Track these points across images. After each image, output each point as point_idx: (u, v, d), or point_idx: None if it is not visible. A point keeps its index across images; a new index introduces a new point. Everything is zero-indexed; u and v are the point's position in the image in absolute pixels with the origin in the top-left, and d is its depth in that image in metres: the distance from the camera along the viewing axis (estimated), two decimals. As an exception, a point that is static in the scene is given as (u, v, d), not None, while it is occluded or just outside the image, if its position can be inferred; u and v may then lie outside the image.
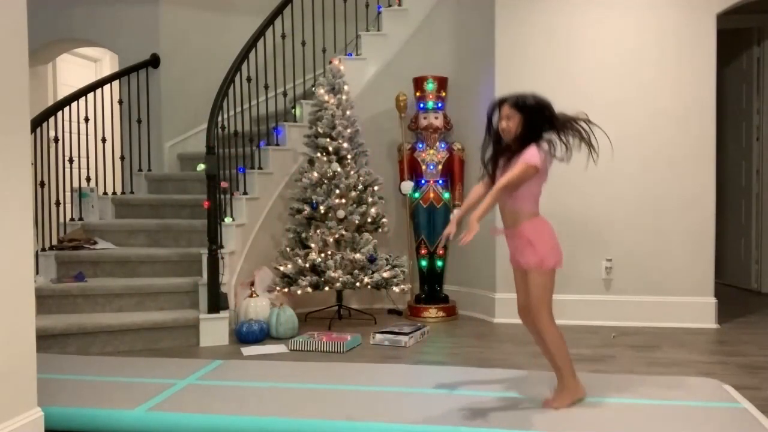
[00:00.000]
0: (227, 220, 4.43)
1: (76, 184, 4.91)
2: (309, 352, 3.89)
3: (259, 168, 4.82)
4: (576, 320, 4.57)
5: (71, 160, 4.75)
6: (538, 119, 2.69)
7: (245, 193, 4.70)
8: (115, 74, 5.42)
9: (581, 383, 2.72)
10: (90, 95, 4.95)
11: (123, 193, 5.25)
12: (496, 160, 2.74)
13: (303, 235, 4.61)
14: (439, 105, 4.92)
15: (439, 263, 4.97)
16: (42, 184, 4.34)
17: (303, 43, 5.16)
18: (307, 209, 4.59)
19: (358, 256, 4.51)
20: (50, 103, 5.79)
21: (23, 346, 2.33)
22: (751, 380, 3.23)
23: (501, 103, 2.71)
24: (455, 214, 2.81)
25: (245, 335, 4.09)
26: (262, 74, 4.93)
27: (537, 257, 2.68)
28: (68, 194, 4.97)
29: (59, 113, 4.64)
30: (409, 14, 5.27)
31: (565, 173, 4.60)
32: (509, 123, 2.68)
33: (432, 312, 4.79)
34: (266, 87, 4.95)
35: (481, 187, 2.79)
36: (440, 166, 4.90)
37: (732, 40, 5.68)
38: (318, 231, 4.57)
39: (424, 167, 4.91)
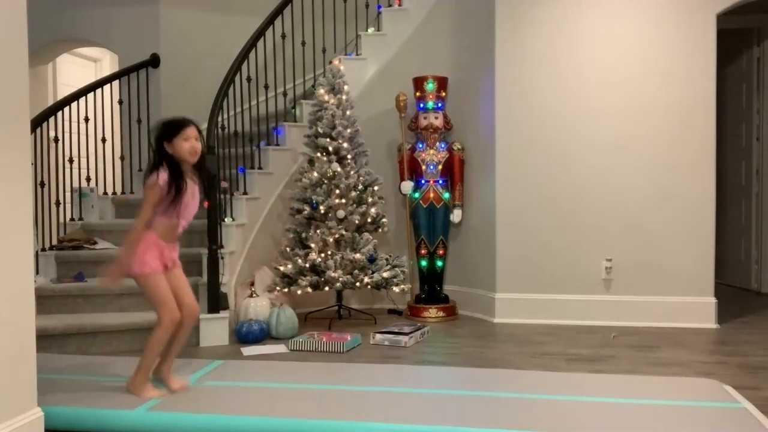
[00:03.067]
0: (227, 220, 4.43)
1: (76, 184, 4.91)
2: (309, 352, 3.89)
3: (259, 168, 4.82)
4: (576, 320, 4.57)
5: (71, 160, 4.75)
6: None
7: (245, 193, 4.70)
8: (115, 74, 5.42)
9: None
10: (90, 95, 4.95)
11: (123, 193, 5.26)
12: (181, 194, 2.86)
13: (303, 235, 4.61)
14: (439, 105, 4.92)
15: (439, 263, 4.97)
16: (42, 184, 4.34)
17: (303, 43, 5.16)
18: (307, 209, 4.59)
19: (358, 256, 4.51)
20: (50, 103, 5.79)
21: (23, 346, 2.33)
22: (751, 380, 3.23)
23: (186, 124, 2.94)
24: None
25: (245, 335, 4.09)
26: (262, 74, 4.94)
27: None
28: (68, 194, 4.97)
29: (59, 113, 4.64)
30: (409, 14, 5.27)
31: (565, 173, 4.63)
32: (199, 145, 2.91)
33: (432, 312, 4.79)
34: (266, 87, 4.95)
35: (143, 227, 2.91)
36: (440, 166, 4.90)
37: (732, 40, 5.68)
38: (318, 231, 4.57)
39: (424, 167, 4.91)
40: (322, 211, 4.54)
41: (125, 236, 2.92)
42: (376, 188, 4.71)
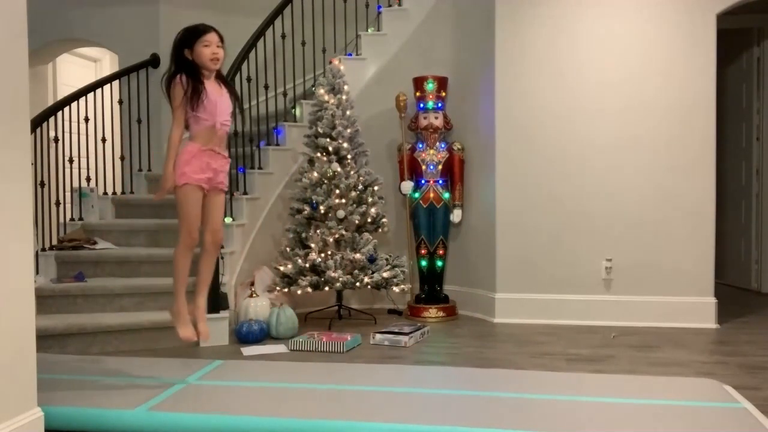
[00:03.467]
0: (227, 220, 4.43)
1: (76, 184, 4.91)
2: (309, 352, 3.89)
3: (259, 168, 4.82)
4: (576, 320, 4.57)
5: (71, 160, 4.75)
6: None
7: (245, 193, 4.70)
8: (115, 74, 5.42)
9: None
10: (90, 95, 4.95)
11: (123, 193, 5.26)
12: (199, 92, 2.81)
13: (303, 235, 4.61)
14: (439, 105, 4.92)
15: (439, 263, 4.97)
16: (42, 184, 4.34)
17: (303, 43, 5.16)
18: (307, 209, 4.59)
19: (358, 256, 4.51)
20: (50, 103, 5.79)
21: (23, 346, 2.32)
22: (751, 380, 3.23)
23: (208, 30, 2.87)
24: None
25: (245, 335, 4.09)
26: (262, 74, 4.93)
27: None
28: (68, 194, 4.97)
29: (59, 113, 4.64)
30: (409, 14, 5.27)
31: (565, 173, 4.62)
32: (221, 52, 2.86)
33: (432, 312, 4.79)
34: (266, 87, 4.95)
35: (180, 129, 2.87)
36: (440, 166, 4.90)
37: (732, 40, 5.68)
38: (318, 231, 4.57)
39: (424, 167, 4.91)
40: (322, 211, 4.54)
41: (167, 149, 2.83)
42: (376, 188, 4.71)
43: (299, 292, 4.46)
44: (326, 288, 4.49)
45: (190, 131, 2.84)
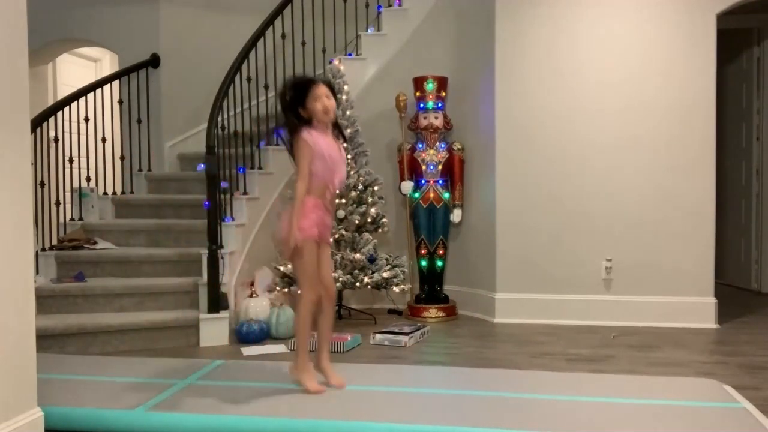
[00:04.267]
0: (228, 220, 4.43)
1: (76, 184, 4.91)
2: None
3: (259, 168, 4.82)
4: (576, 320, 4.57)
5: (71, 160, 4.75)
6: None
7: (245, 193, 4.70)
8: (115, 74, 5.43)
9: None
10: (90, 95, 4.95)
11: (123, 193, 5.26)
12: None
13: (303, 235, 4.60)
14: (439, 105, 4.92)
15: (439, 263, 4.97)
16: (42, 184, 4.34)
17: (303, 43, 5.16)
18: (307, 209, 4.59)
19: (358, 256, 4.51)
20: (50, 103, 5.80)
21: (23, 346, 2.32)
22: (751, 380, 3.23)
23: (313, 82, 2.82)
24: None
25: (245, 335, 4.09)
26: (262, 74, 4.93)
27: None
28: (68, 194, 4.97)
29: (59, 113, 4.64)
30: (409, 14, 5.27)
31: (565, 173, 4.62)
32: (332, 102, 2.81)
33: (432, 312, 4.79)
34: (266, 87, 4.95)
35: (306, 184, 2.79)
36: (440, 166, 4.90)
37: (732, 40, 5.68)
38: (318, 231, 4.56)
39: (424, 167, 4.91)
40: (322, 211, 4.54)
41: (288, 208, 2.81)
42: (376, 188, 4.71)
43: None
44: (326, 288, 4.48)
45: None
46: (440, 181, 4.92)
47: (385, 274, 4.52)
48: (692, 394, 2.81)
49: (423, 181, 4.91)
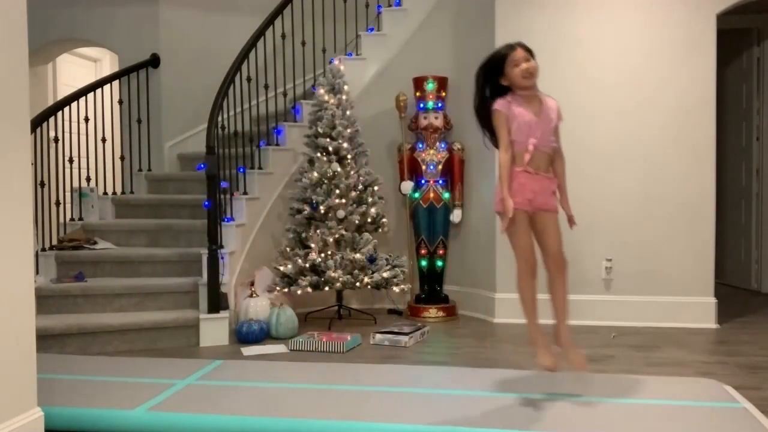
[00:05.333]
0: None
1: (76, 184, 4.92)
2: (309, 352, 3.89)
3: (259, 168, 4.82)
4: (576, 320, 4.54)
5: (71, 160, 4.75)
6: None
7: (245, 193, 4.70)
8: (115, 74, 5.43)
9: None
10: (90, 95, 4.96)
11: (123, 193, 5.26)
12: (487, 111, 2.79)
13: (303, 235, 4.61)
14: (439, 105, 4.92)
15: (439, 263, 4.97)
16: (42, 184, 4.34)
17: (303, 43, 5.16)
18: (307, 209, 4.59)
19: (358, 256, 4.51)
20: (50, 103, 5.80)
21: (23, 346, 2.32)
22: (751, 380, 3.23)
23: (509, 51, 2.76)
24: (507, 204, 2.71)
25: (245, 335, 4.09)
26: (262, 74, 4.93)
27: (556, 200, 2.80)
28: (68, 194, 4.97)
29: (59, 113, 4.64)
30: (409, 14, 5.27)
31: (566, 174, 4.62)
32: (533, 63, 2.73)
33: (432, 312, 4.79)
34: (266, 87, 4.95)
35: (508, 153, 2.78)
36: (440, 166, 4.90)
37: (732, 40, 5.68)
38: (318, 231, 4.57)
39: (424, 167, 4.91)
40: (322, 211, 4.54)
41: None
42: (376, 188, 4.71)
43: (299, 292, 4.46)
44: (326, 288, 4.49)
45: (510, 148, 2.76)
46: (440, 181, 4.92)
47: (385, 274, 4.52)
48: (692, 394, 2.81)
49: (423, 181, 4.91)
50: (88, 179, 4.96)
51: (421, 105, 4.91)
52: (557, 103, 2.85)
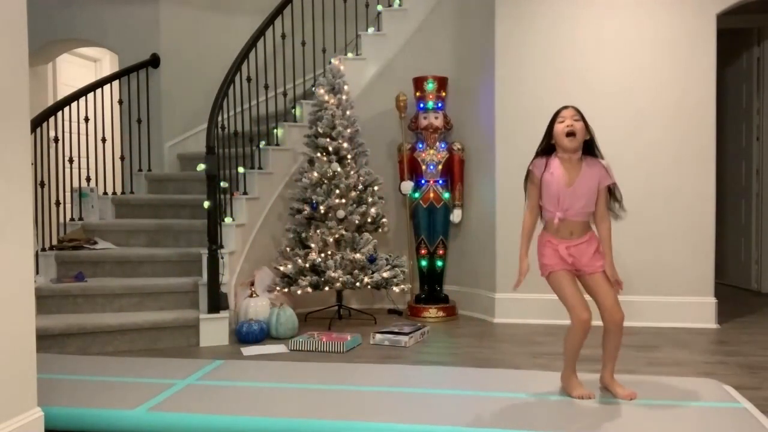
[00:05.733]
0: (227, 220, 4.43)
1: (76, 184, 4.91)
2: (309, 352, 3.89)
3: (259, 168, 4.82)
4: (576, 320, 4.56)
5: (71, 160, 4.75)
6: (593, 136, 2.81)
7: (245, 193, 4.70)
8: (115, 74, 5.43)
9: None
10: (90, 95, 4.95)
11: (123, 193, 5.26)
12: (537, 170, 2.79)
13: (303, 235, 4.61)
14: (439, 105, 4.92)
15: (439, 263, 4.97)
16: (42, 184, 4.34)
17: (303, 43, 5.16)
18: (307, 209, 4.59)
19: (358, 256, 4.51)
20: (50, 103, 5.80)
21: (23, 346, 2.32)
22: (751, 380, 3.23)
23: (564, 108, 2.76)
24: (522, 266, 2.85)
25: (245, 335, 4.09)
26: (262, 74, 4.93)
27: (602, 260, 2.75)
28: (68, 194, 4.97)
29: (59, 113, 4.64)
30: (409, 14, 5.27)
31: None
32: (578, 124, 2.70)
33: (432, 312, 4.79)
34: (266, 87, 4.95)
35: (531, 216, 2.81)
36: (440, 166, 4.90)
37: (732, 40, 5.68)
38: (318, 231, 4.57)
39: (424, 167, 4.91)
40: (322, 211, 4.54)
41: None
42: (376, 188, 4.71)
43: (299, 292, 4.46)
44: (326, 288, 4.49)
45: (536, 213, 2.79)
46: (440, 181, 4.92)
47: (385, 274, 4.52)
48: (692, 394, 2.81)
49: (423, 181, 4.91)
50: (88, 179, 4.96)
51: (421, 105, 4.91)
52: (605, 166, 2.76)
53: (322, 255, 4.50)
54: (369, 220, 4.65)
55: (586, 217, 2.73)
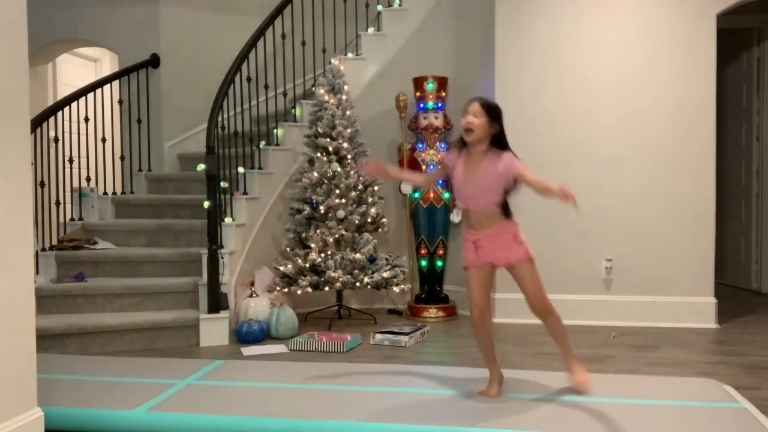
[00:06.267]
0: (227, 220, 4.43)
1: (76, 184, 4.91)
2: (309, 352, 3.89)
3: (259, 168, 4.82)
4: (576, 320, 4.56)
5: (71, 160, 4.75)
6: (502, 130, 2.78)
7: (245, 193, 4.70)
8: (115, 74, 5.43)
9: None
10: (90, 95, 4.95)
11: (123, 193, 5.26)
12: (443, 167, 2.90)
13: (303, 235, 4.61)
14: (439, 105, 4.92)
15: (439, 263, 4.97)
16: (42, 184, 4.34)
17: (303, 43, 5.16)
18: (307, 209, 4.59)
19: (358, 256, 4.51)
20: (50, 103, 5.80)
21: (23, 346, 2.32)
22: (751, 380, 3.23)
23: (470, 101, 2.76)
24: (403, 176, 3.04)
25: (245, 335, 4.09)
26: (262, 74, 4.93)
27: (523, 249, 2.82)
28: (68, 194, 4.97)
29: (59, 113, 4.64)
30: (409, 14, 5.27)
31: (565, 173, 4.62)
32: (477, 120, 2.70)
33: (432, 312, 4.79)
34: (266, 87, 4.95)
35: (427, 178, 3.08)
36: (440, 166, 4.89)
37: (732, 40, 5.68)
38: (318, 231, 4.57)
39: (424, 167, 4.91)
40: (322, 211, 4.54)
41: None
42: (376, 188, 4.71)
43: (299, 292, 4.46)
44: (326, 288, 4.49)
45: (500, 207, 2.79)
46: (440, 181, 4.91)
47: (385, 274, 4.52)
48: (692, 394, 2.81)
49: (423, 181, 4.91)
50: (88, 179, 4.96)
51: (421, 105, 4.91)
52: (510, 159, 2.72)
53: (322, 255, 4.50)
54: (369, 220, 4.65)
55: (492, 208, 2.75)
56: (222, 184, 4.35)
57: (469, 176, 2.73)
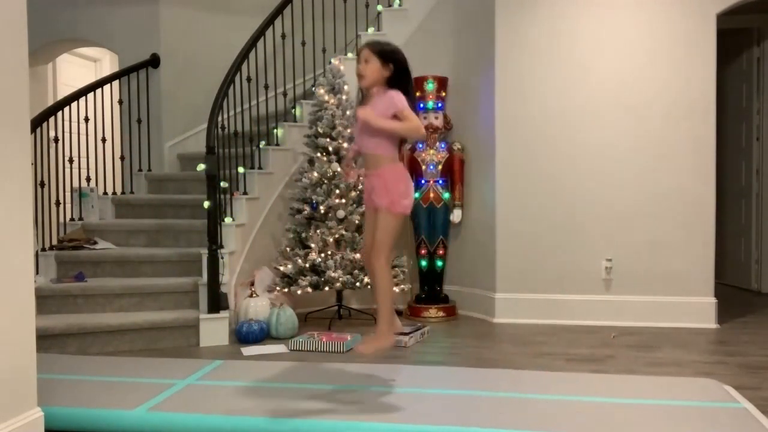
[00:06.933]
0: (227, 220, 4.43)
1: (76, 184, 4.92)
2: (309, 352, 3.89)
3: (259, 168, 4.82)
4: (576, 320, 4.57)
5: (71, 160, 4.75)
6: (401, 75, 2.75)
7: (245, 193, 4.70)
8: (115, 74, 5.42)
9: (392, 334, 2.83)
10: (90, 95, 4.95)
11: (123, 193, 5.26)
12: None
13: (303, 235, 4.61)
14: (439, 105, 4.92)
15: (439, 263, 4.97)
16: (42, 184, 4.34)
17: (303, 43, 5.16)
18: (307, 209, 4.59)
19: (358, 256, 4.51)
20: (50, 103, 5.80)
21: (23, 346, 2.32)
22: (751, 380, 3.23)
23: (362, 47, 2.78)
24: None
25: (245, 335, 4.09)
26: (262, 74, 4.93)
27: (388, 199, 2.73)
28: (68, 194, 4.97)
29: (59, 113, 4.64)
30: (409, 14, 5.27)
31: (565, 173, 4.63)
32: (368, 66, 2.72)
33: (432, 312, 4.79)
34: (266, 87, 4.95)
35: None
36: (440, 166, 4.90)
37: (732, 40, 5.68)
38: (318, 231, 4.57)
39: (424, 167, 4.91)
40: (322, 211, 4.54)
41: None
42: (376, 188, 4.70)
43: (299, 292, 4.46)
44: (326, 288, 4.49)
45: (388, 150, 2.78)
46: (440, 181, 4.92)
47: (385, 274, 4.51)
48: (692, 394, 2.81)
49: (423, 181, 4.91)
50: (88, 179, 4.96)
51: (421, 105, 4.91)
52: (390, 96, 2.68)
53: (322, 255, 4.50)
54: (369, 220, 4.64)
55: (373, 149, 2.75)
56: (222, 184, 4.35)
57: (358, 120, 2.76)
